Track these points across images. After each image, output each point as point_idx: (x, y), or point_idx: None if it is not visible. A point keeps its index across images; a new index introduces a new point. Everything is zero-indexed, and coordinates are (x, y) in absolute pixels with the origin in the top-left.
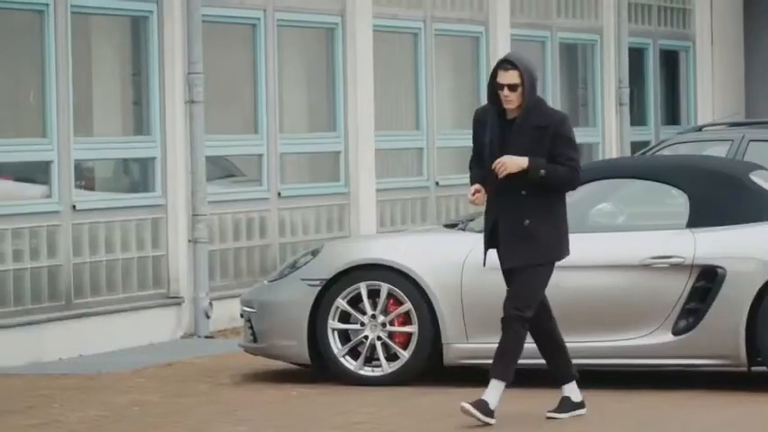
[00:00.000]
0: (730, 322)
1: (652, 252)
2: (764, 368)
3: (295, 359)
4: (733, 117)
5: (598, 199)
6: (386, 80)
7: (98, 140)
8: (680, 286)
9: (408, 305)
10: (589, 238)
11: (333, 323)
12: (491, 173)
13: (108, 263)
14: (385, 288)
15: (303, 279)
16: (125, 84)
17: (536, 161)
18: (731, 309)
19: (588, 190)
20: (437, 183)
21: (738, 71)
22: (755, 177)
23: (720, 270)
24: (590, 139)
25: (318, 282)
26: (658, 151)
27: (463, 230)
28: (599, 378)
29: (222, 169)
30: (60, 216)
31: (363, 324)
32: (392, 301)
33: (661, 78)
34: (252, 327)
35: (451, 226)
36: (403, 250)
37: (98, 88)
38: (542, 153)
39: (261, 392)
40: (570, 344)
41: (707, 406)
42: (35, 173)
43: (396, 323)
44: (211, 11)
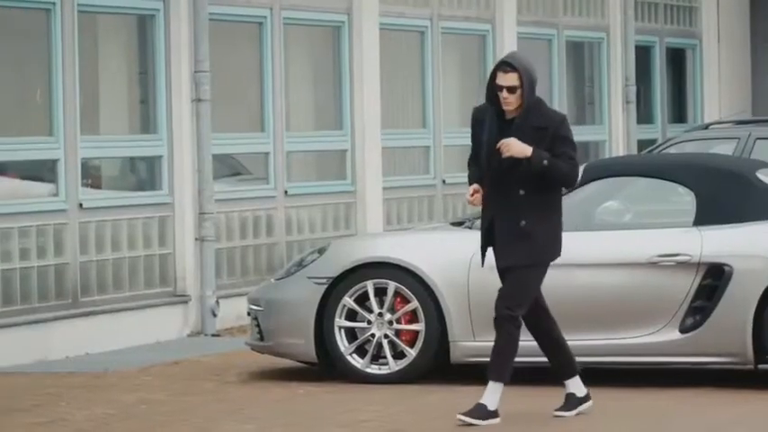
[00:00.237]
0: (737, 320)
1: (659, 250)
2: None
3: (302, 357)
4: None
5: (605, 197)
6: (392, 78)
7: (105, 139)
8: (687, 284)
9: (415, 303)
10: (596, 236)
11: (339, 321)
12: (488, 172)
13: (115, 261)
14: (392, 286)
15: (310, 277)
16: (132, 82)
17: (540, 151)
18: (738, 306)
19: (595, 188)
20: (444, 181)
21: (745, 69)
22: (762, 175)
23: (727, 268)
24: (597, 137)
25: (325, 280)
26: (665, 149)
27: (470, 228)
28: (606, 376)
29: (229, 167)
30: (67, 214)
31: (370, 322)
32: (399, 299)
33: (668, 76)
34: (259, 325)
35: (458, 224)
36: (410, 248)
37: (105, 87)
38: None
39: (268, 390)
40: (577, 342)
41: (714, 404)
42: (42, 171)
43: (402, 321)
44: (218, 9)
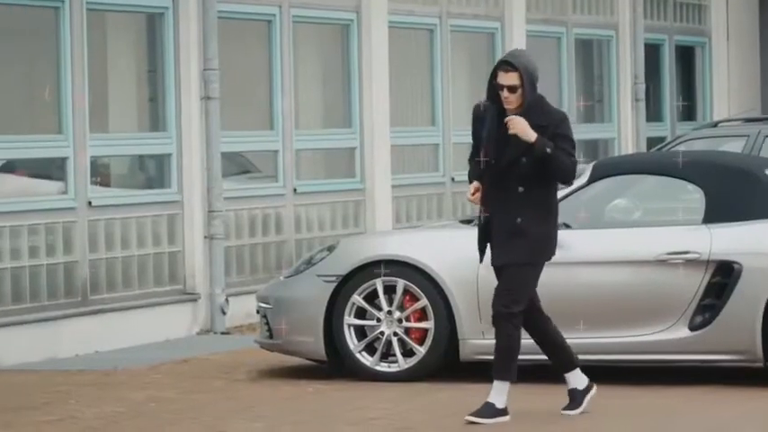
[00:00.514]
0: (746, 318)
1: (668, 248)
2: None
3: (311, 355)
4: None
5: (614, 195)
6: (401, 76)
7: (114, 137)
8: (696, 282)
9: (424, 301)
10: (605, 234)
11: (349, 319)
12: (488, 169)
13: (124, 259)
14: (401, 284)
15: (319, 275)
16: (141, 80)
17: (544, 139)
18: (747, 304)
19: (604, 186)
20: (453, 179)
21: (754, 67)
22: None
23: (736, 266)
24: (606, 135)
25: (334, 278)
26: (674, 147)
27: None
28: (615, 374)
29: (238, 165)
30: (76, 212)
31: (379, 320)
32: (408, 297)
33: (677, 74)
34: (268, 323)
35: (467, 222)
36: (419, 246)
37: (114, 85)
38: None
39: (277, 388)
40: (587, 340)
41: (722, 401)
42: (51, 169)
43: (412, 319)
44: (227, 7)
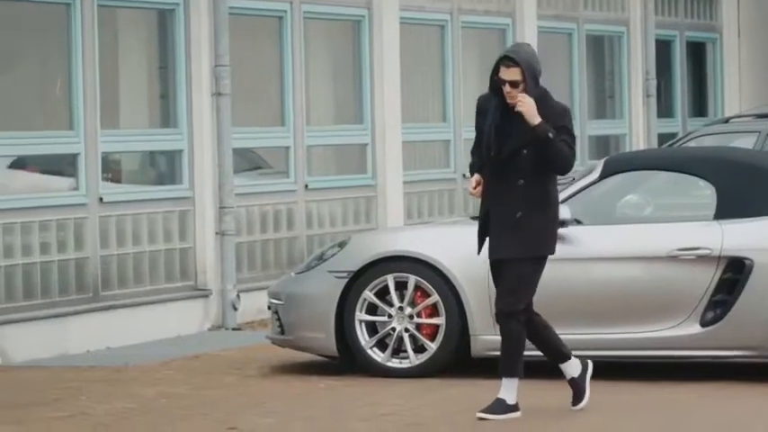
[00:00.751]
0: (758, 314)
1: (679, 244)
2: None
3: (322, 351)
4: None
5: (625, 191)
6: (412, 72)
7: (125, 133)
8: (707, 278)
9: (436, 297)
10: (616, 230)
11: (360, 315)
12: (489, 161)
13: (135, 255)
14: (412, 280)
15: (330, 271)
16: (152, 76)
17: (547, 125)
18: (759, 300)
19: (615, 182)
20: (464, 175)
21: (765, 63)
22: None
23: (748, 261)
24: (617, 131)
25: (346, 274)
26: (685, 143)
27: None
28: (626, 370)
29: (249, 161)
30: (87, 208)
31: (391, 316)
32: (419, 293)
33: (688, 70)
34: (279, 319)
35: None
36: (430, 242)
37: (125, 81)
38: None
39: (288, 384)
40: (598, 335)
41: (734, 397)
42: (62, 165)
43: (423, 315)
44: (238, 3)
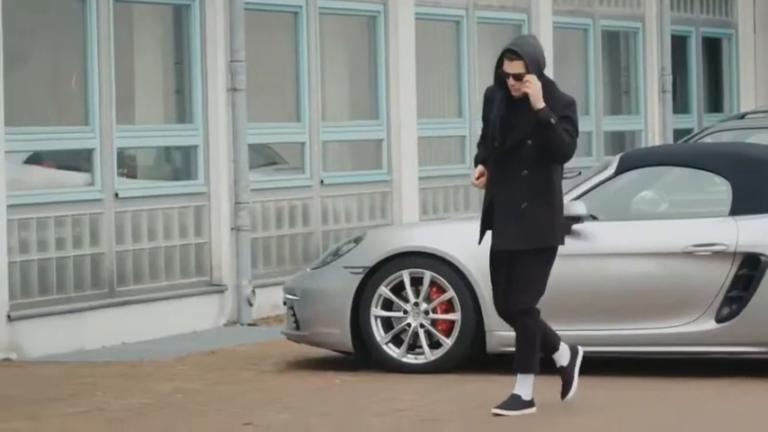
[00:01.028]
0: None
1: (695, 240)
2: None
3: (338, 347)
4: None
5: (641, 187)
6: (428, 68)
7: (140, 128)
8: (723, 274)
9: (451, 292)
10: (632, 226)
11: (375, 311)
12: (493, 150)
13: (151, 251)
14: (428, 275)
15: (346, 267)
16: (167, 72)
17: (551, 111)
18: None
19: (631, 178)
20: None
21: None
22: None
23: (763, 258)
24: (633, 127)
25: (361, 269)
26: (701, 139)
27: None
28: (641, 365)
29: (265, 157)
30: (103, 204)
31: (406, 312)
32: (435, 289)
33: (704, 66)
34: (295, 314)
35: None
36: (446, 238)
37: (140, 76)
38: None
39: (304, 380)
40: (613, 331)
41: (749, 393)
42: (78, 161)
43: (438, 311)
44: None
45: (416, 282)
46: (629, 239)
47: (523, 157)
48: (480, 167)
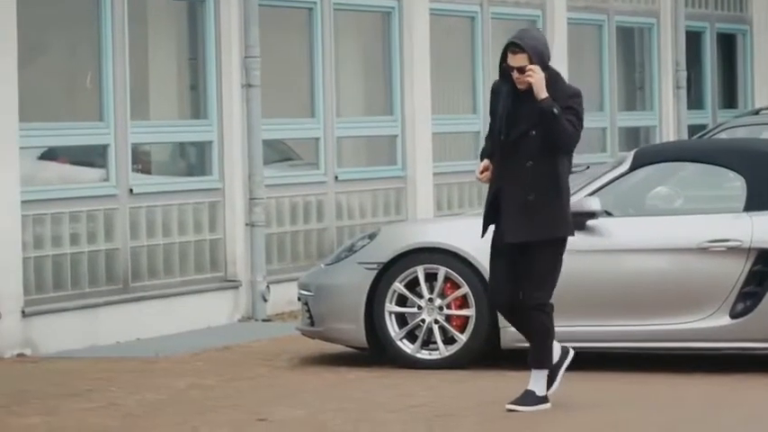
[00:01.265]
0: None
1: (709, 235)
2: None
3: (352, 342)
4: None
5: (655, 182)
6: (442, 64)
7: (155, 124)
8: (737, 270)
9: (465, 288)
10: (646, 222)
11: (390, 306)
12: (498, 143)
13: (165, 246)
14: (442, 271)
15: (360, 262)
16: (182, 68)
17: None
18: None
19: (646, 173)
20: None
21: None
22: None
23: None
24: (647, 123)
25: (375, 265)
26: (715, 135)
27: None
28: (656, 361)
29: (279, 153)
30: (117, 199)
31: (420, 307)
32: (449, 285)
33: (718, 62)
34: (309, 310)
35: None
36: (460, 233)
37: (155, 72)
38: None
39: (318, 376)
40: (627, 327)
41: (762, 389)
42: (92, 156)
43: (453, 306)
44: None
45: (431, 277)
46: (643, 235)
47: (528, 149)
48: (485, 162)
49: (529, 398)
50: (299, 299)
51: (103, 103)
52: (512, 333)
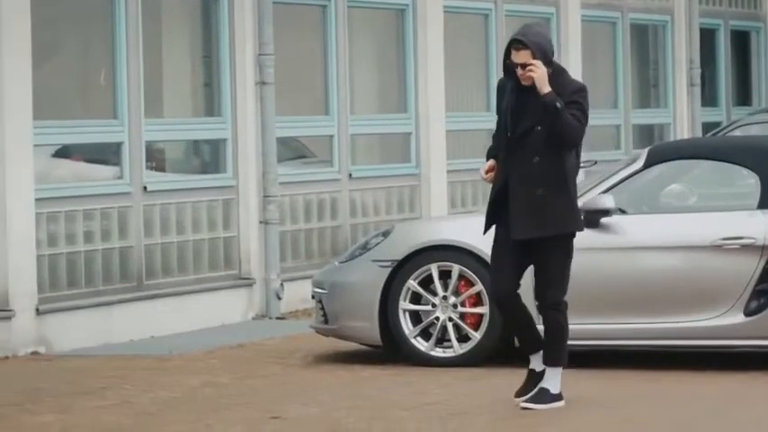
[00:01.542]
0: None
1: (723, 233)
2: None
3: (366, 340)
4: None
5: (669, 180)
6: (456, 62)
7: (169, 122)
8: (751, 267)
9: (479, 286)
10: (660, 219)
11: (404, 304)
12: (504, 139)
13: (179, 244)
14: (456, 269)
15: (374, 260)
16: (196, 65)
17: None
18: None
19: (659, 171)
20: None
21: None
22: None
23: None
24: (661, 120)
25: (389, 263)
26: (729, 132)
27: None
28: (669, 359)
29: (293, 150)
30: (131, 197)
31: (434, 305)
32: (463, 282)
33: (732, 59)
34: (323, 308)
35: None
36: (474, 231)
37: (169, 70)
38: None
39: (332, 374)
40: (641, 325)
41: None
42: (106, 154)
43: (467, 304)
44: None
45: (445, 275)
46: (657, 233)
47: (534, 144)
48: (491, 162)
49: (543, 395)
50: (313, 296)
51: (117, 101)
52: None
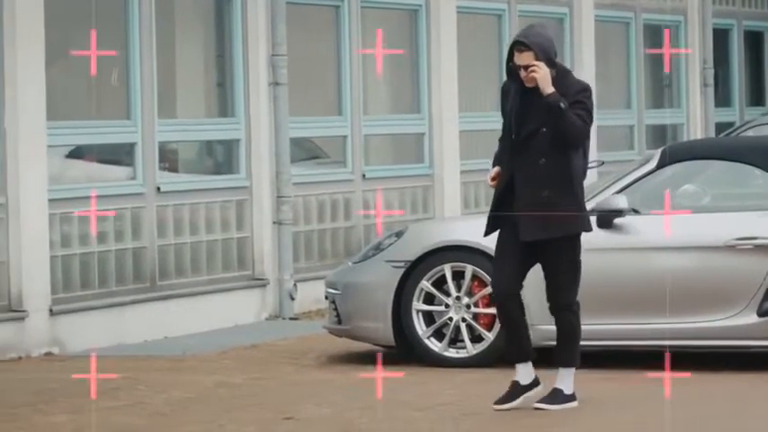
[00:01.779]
0: None
1: (736, 233)
2: None
3: (379, 341)
4: None
5: (682, 180)
6: (469, 62)
7: (182, 122)
8: (764, 267)
9: None
10: (674, 220)
11: (417, 305)
12: (510, 142)
13: (192, 245)
14: (469, 269)
15: (387, 261)
16: (209, 66)
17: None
18: None
19: (673, 171)
20: None
21: None
22: None
23: None
24: (674, 120)
25: (403, 263)
26: (743, 132)
27: None
28: (682, 359)
29: (306, 151)
30: (145, 198)
31: (448, 306)
32: (477, 283)
33: (745, 59)
34: (336, 308)
35: None
36: None
37: (182, 70)
38: None
39: (345, 374)
40: (654, 325)
41: None
42: (119, 155)
43: (480, 304)
44: None
45: (458, 276)
46: (670, 233)
47: (540, 146)
48: (497, 168)
49: (556, 396)
50: (327, 297)
51: (130, 102)
52: (539, 331)
